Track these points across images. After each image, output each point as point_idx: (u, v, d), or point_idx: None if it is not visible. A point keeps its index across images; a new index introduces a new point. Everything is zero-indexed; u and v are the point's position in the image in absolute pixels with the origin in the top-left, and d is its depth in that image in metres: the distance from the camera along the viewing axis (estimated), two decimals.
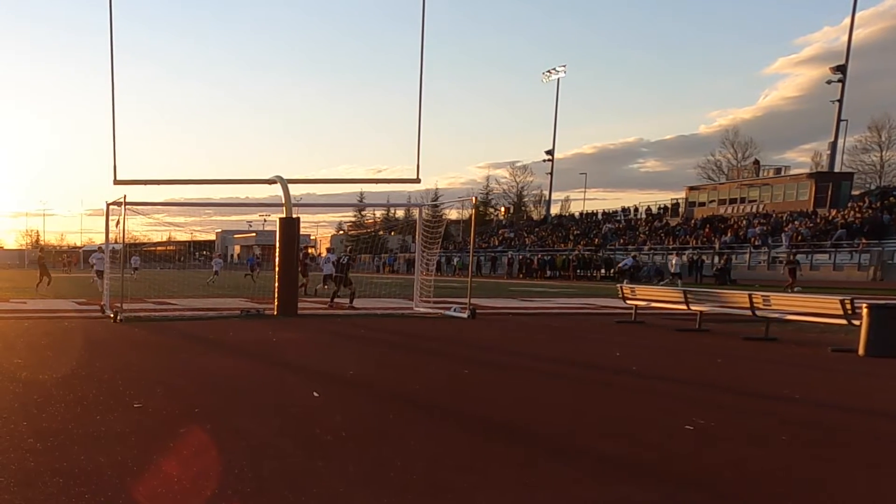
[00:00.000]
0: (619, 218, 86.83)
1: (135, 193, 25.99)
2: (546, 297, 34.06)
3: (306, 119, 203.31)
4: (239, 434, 7.28)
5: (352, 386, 10.39)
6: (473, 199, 25.63)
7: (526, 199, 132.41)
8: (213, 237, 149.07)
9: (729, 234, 62.23)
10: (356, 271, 42.41)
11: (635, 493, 5.69)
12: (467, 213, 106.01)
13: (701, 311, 18.09)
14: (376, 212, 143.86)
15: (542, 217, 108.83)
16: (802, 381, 11.29)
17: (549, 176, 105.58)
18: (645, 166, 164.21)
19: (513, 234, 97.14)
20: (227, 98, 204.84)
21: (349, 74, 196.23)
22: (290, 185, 22.35)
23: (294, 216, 22.21)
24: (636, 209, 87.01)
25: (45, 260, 34.06)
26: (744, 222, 64.90)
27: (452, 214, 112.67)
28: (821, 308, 15.04)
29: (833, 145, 69.83)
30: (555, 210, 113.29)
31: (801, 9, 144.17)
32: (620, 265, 40.21)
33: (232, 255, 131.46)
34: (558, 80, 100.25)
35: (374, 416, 8.22)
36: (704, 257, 56.51)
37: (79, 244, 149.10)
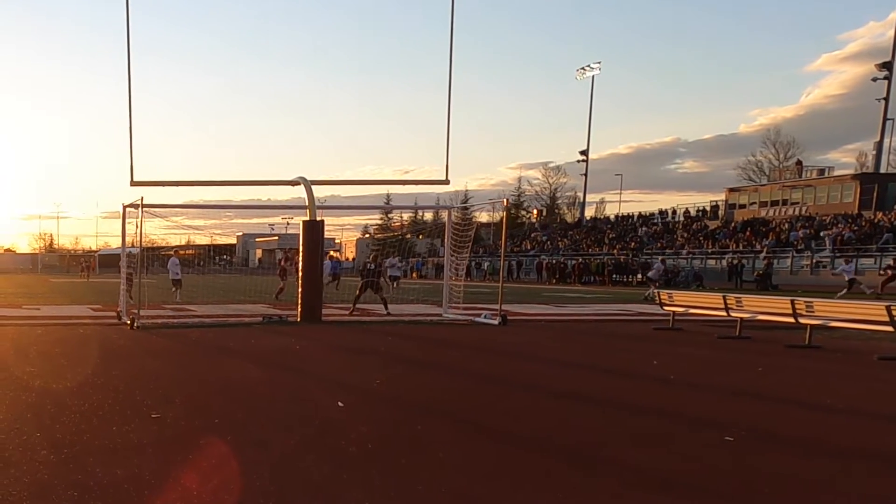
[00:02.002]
0: (656, 221, 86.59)
1: (152, 195, 26.05)
2: (580, 304, 33.97)
3: (331, 118, 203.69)
4: (261, 446, 7.26)
5: (378, 395, 10.37)
6: (505, 201, 25.74)
7: (559, 202, 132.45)
8: (233, 241, 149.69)
9: (770, 238, 61.87)
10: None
11: None
12: (498, 215, 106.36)
13: (741, 318, 17.99)
14: (403, 214, 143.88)
15: (576, 220, 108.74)
16: (847, 390, 11.17)
17: (584, 177, 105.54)
18: (683, 167, 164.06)
19: (546, 238, 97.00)
20: (249, 96, 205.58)
21: (375, 71, 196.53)
22: (314, 187, 22.41)
23: (318, 219, 22.26)
24: (674, 211, 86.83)
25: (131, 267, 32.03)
26: (786, 225, 64.50)
27: (483, 217, 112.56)
28: (866, 315, 14.89)
29: (879, 145, 69.37)
30: (589, 212, 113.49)
31: (845, 3, 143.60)
32: (649, 274, 39.72)
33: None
34: (593, 77, 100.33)
35: (401, 427, 8.19)
36: (745, 261, 56.29)
37: (94, 248, 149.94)
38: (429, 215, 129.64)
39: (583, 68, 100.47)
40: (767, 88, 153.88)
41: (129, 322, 19.54)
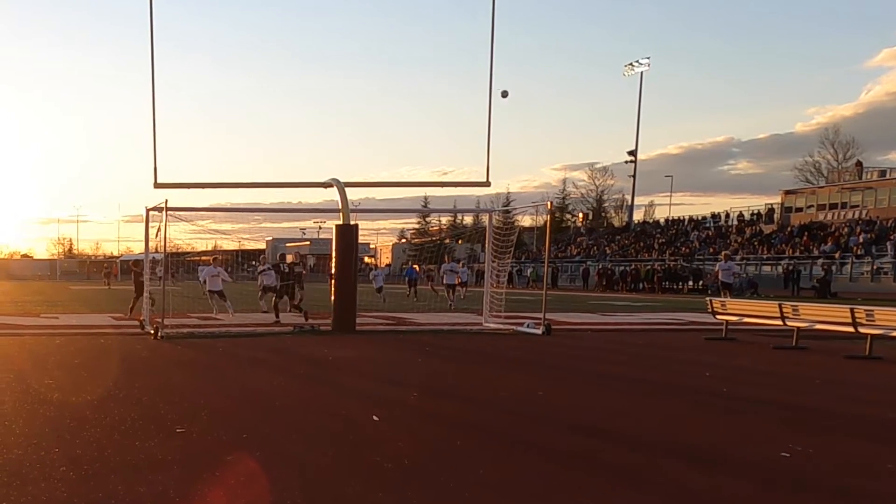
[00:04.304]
0: (708, 225, 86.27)
1: (177, 198, 26.15)
2: (629, 312, 33.89)
3: (365, 117, 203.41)
4: (291, 462, 7.24)
5: (415, 409, 10.33)
6: (548, 204, 25.39)
7: (606, 205, 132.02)
8: (263, 246, 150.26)
9: (829, 243, 61.45)
10: (419, 283, 42.17)
11: None
12: (542, 219, 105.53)
13: (798, 328, 17.85)
14: (442, 218, 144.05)
15: (624, 224, 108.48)
16: None
17: (632, 179, 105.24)
18: (736, 168, 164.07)
19: (592, 243, 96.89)
20: (279, 94, 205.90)
21: (412, 67, 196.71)
22: (347, 189, 22.41)
23: (352, 223, 22.25)
24: (727, 215, 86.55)
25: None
26: (845, 229, 64.09)
27: (525, 221, 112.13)
28: None
29: None
30: (638, 216, 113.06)
31: None
32: (723, 279, 38.58)
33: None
34: (641, 73, 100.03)
35: (440, 443, 8.15)
36: (802, 268, 55.92)
37: (116, 253, 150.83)
38: (468, 219, 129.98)
39: (631, 64, 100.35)
40: (825, 85, 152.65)
41: (152, 332, 19.60)
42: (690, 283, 62.00)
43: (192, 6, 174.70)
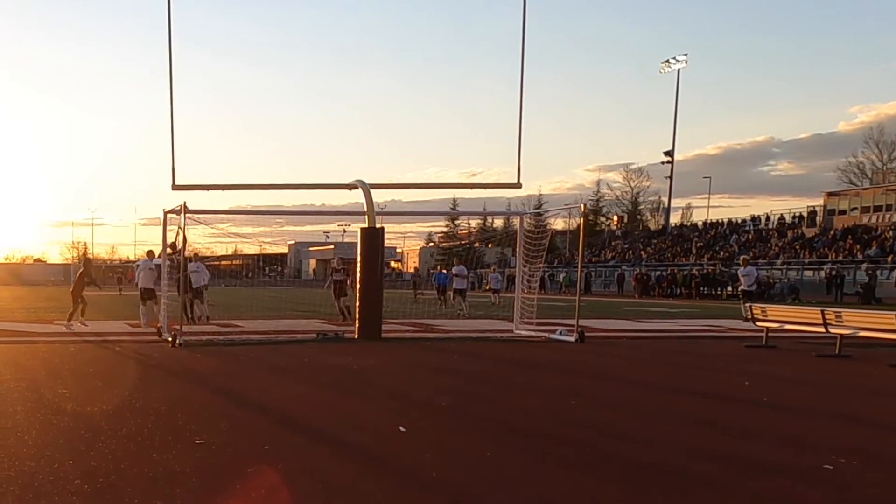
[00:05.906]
0: (747, 228, 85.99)
1: (196, 200, 26.16)
2: (665, 319, 33.95)
3: (391, 116, 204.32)
4: (314, 475, 7.20)
5: (443, 419, 10.29)
6: (582, 206, 25.29)
7: (642, 207, 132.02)
8: (285, 250, 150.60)
9: (874, 247, 61.05)
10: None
11: None
12: (575, 222, 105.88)
13: (841, 335, 17.74)
14: (471, 221, 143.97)
15: (661, 227, 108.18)
16: None
17: (668, 180, 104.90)
18: (777, 169, 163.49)
19: (627, 247, 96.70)
20: (303, 92, 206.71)
21: (441, 65, 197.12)
22: (373, 191, 22.41)
23: (378, 226, 22.25)
24: (767, 218, 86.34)
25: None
26: (890, 233, 63.66)
27: (558, 224, 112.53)
28: None
29: None
30: (675, 219, 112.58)
31: None
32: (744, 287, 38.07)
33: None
34: (678, 70, 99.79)
35: (469, 454, 8.10)
36: (845, 272, 55.57)
37: (132, 258, 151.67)
38: (499, 222, 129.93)
39: (667, 61, 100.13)
40: (869, 83, 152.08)
41: (170, 339, 19.61)
42: (729, 288, 61.69)
43: (213, 3, 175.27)
